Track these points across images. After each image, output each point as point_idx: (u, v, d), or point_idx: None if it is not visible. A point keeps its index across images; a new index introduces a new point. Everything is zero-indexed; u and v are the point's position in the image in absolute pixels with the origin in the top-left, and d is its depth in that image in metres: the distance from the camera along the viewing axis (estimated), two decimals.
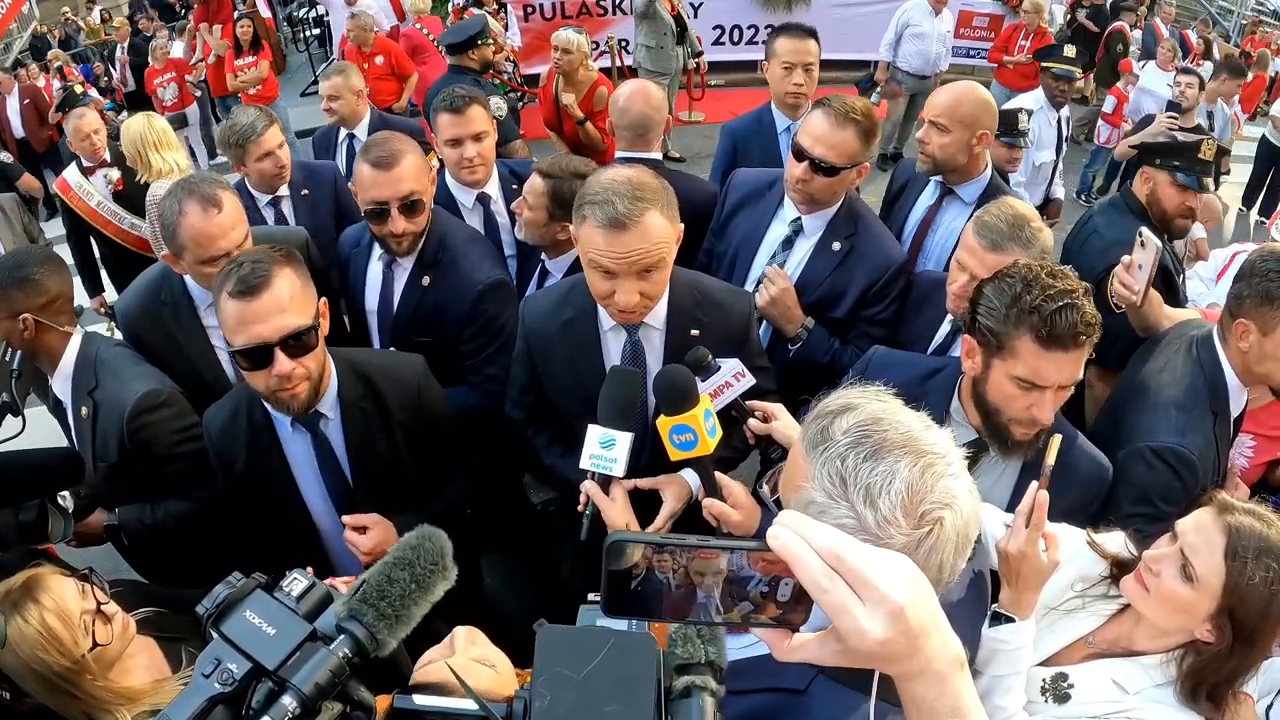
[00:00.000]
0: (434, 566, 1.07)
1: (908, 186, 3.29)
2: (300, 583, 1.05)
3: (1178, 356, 2.30)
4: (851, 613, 0.71)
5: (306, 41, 12.71)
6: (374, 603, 1.01)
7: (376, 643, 0.99)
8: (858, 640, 0.71)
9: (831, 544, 0.72)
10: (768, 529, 0.74)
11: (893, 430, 1.04)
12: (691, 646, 0.99)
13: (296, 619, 1.01)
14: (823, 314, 2.69)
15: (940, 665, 0.74)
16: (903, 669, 0.75)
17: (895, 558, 0.74)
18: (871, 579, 0.71)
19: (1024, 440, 1.86)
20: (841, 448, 1.04)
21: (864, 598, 0.71)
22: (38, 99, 9.82)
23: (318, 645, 0.98)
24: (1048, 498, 1.54)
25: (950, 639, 0.76)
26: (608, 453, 1.65)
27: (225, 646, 0.97)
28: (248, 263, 1.90)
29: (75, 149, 4.84)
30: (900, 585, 0.72)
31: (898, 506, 1.00)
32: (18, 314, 2.31)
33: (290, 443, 2.19)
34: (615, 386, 1.66)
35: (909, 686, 0.76)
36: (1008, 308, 1.78)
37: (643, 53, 7.96)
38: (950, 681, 0.75)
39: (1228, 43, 13.12)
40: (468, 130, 3.08)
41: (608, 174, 1.91)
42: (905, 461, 1.01)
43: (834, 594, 0.71)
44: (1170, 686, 1.58)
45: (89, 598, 1.68)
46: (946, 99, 2.96)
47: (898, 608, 0.71)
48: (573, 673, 0.85)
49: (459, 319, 2.70)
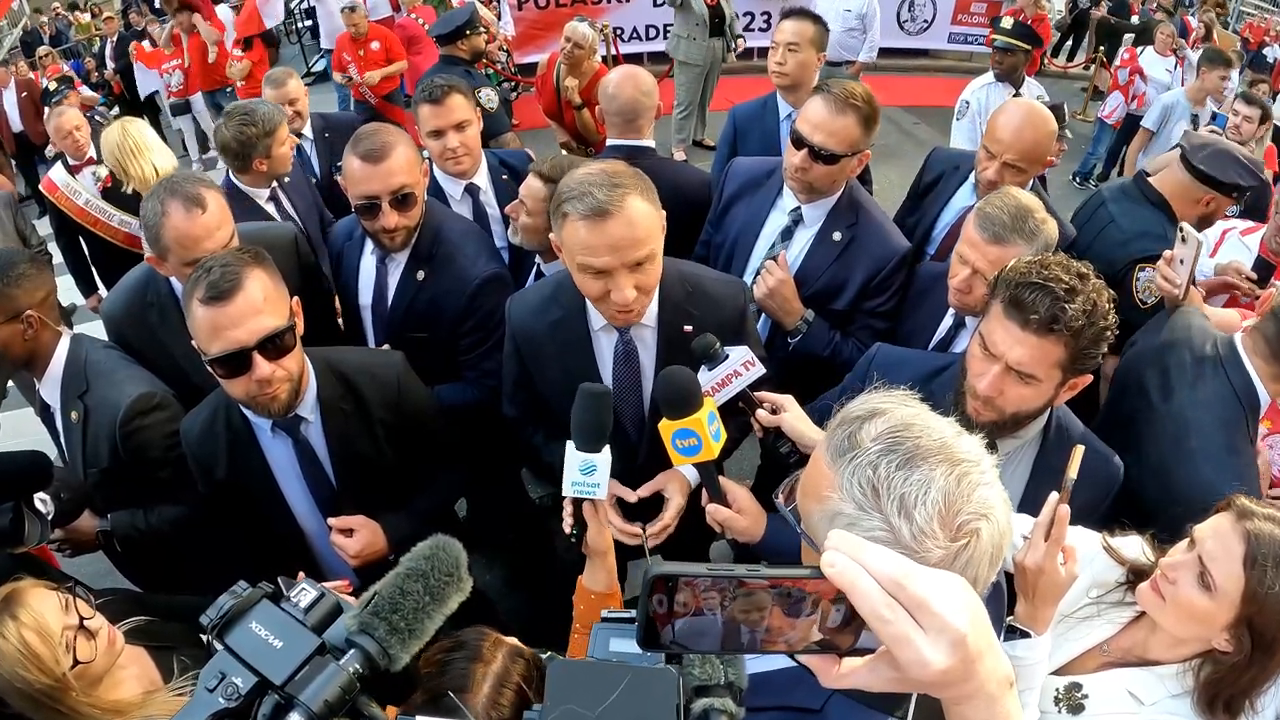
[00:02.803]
0: (449, 578, 1.03)
1: (941, 181, 3.17)
2: (309, 593, 1.01)
3: (1205, 383, 2.17)
4: (914, 643, 0.67)
5: (299, 33, 12.64)
6: (386, 616, 0.97)
7: (389, 658, 0.96)
8: (919, 671, 0.68)
9: (892, 570, 0.68)
10: (823, 555, 0.70)
11: (925, 437, 0.98)
12: (710, 667, 0.94)
13: (305, 631, 0.97)
14: (823, 306, 2.64)
15: (991, 687, 0.72)
16: (956, 693, 0.72)
17: (952, 580, 0.70)
18: (934, 606, 0.67)
19: (975, 419, 1.80)
20: (872, 455, 0.97)
21: (925, 625, 0.68)
22: (34, 92, 9.78)
23: (327, 659, 0.94)
24: (1069, 512, 1.49)
25: (1001, 659, 0.73)
26: (589, 478, 1.59)
27: (230, 659, 0.93)
28: (216, 267, 1.84)
29: (59, 147, 4.80)
30: (962, 611, 0.68)
31: (934, 518, 0.94)
32: (20, 312, 2.25)
33: (271, 447, 2.14)
34: (587, 410, 1.59)
35: (959, 709, 0.73)
36: (1010, 270, 1.77)
37: (674, 42, 8.06)
38: (1000, 703, 0.73)
39: (1226, 29, 13.02)
40: (449, 120, 3.00)
41: (579, 171, 1.86)
42: (940, 470, 0.95)
43: (896, 625, 0.67)
44: (1186, 697, 1.54)
45: (71, 613, 1.62)
46: (1015, 140, 2.69)
47: (960, 636, 0.67)
48: (586, 710, 0.81)
49: (455, 314, 2.65)
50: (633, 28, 10.83)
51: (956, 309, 2.38)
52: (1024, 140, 2.70)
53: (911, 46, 11.46)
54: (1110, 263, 2.76)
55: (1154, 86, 8.03)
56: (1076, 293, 1.68)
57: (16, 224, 4.80)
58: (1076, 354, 1.71)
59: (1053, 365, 1.72)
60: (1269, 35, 11.83)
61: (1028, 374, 1.72)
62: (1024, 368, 1.71)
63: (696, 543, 2.36)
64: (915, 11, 11.23)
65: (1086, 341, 1.70)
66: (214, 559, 2.34)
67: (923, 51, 11.55)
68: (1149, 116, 6.65)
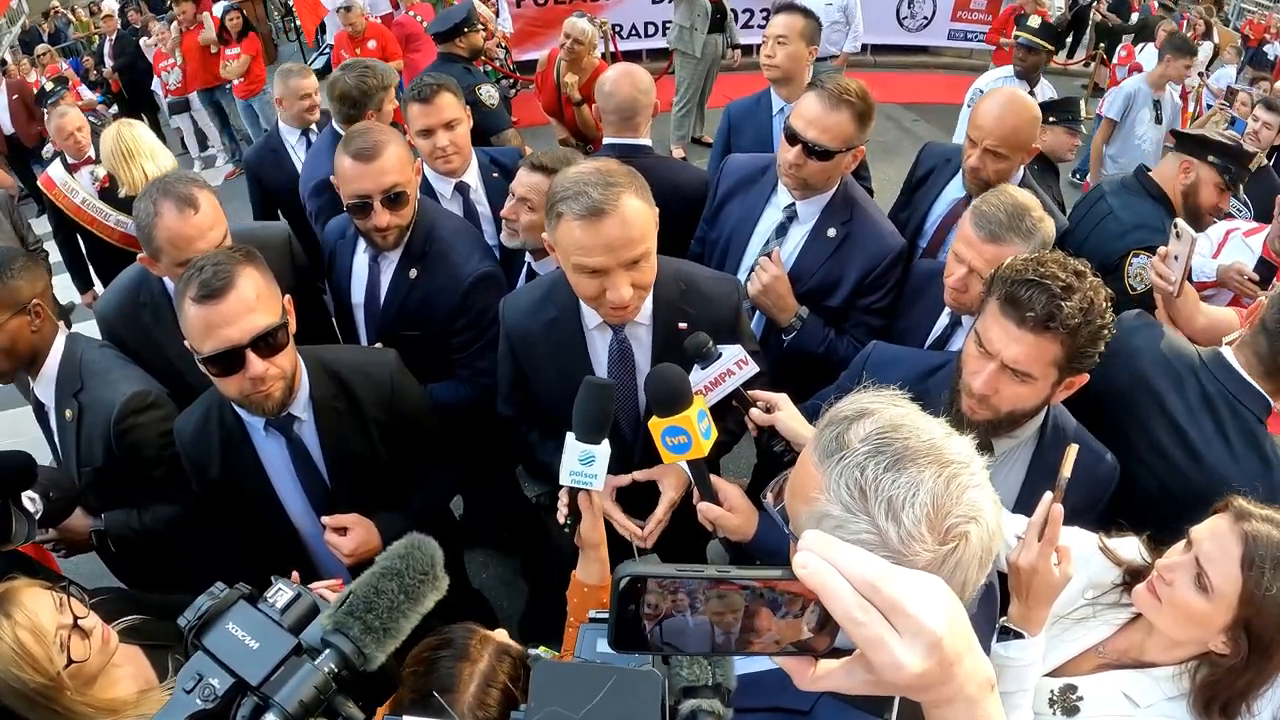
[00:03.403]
0: (423, 576, 1.03)
1: (932, 175, 3.15)
2: (285, 593, 1.02)
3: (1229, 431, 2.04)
4: (888, 646, 0.66)
5: (297, 31, 12.64)
6: (360, 615, 0.97)
7: (364, 657, 0.97)
8: (894, 674, 0.67)
9: (865, 571, 0.67)
10: (795, 556, 0.69)
11: (914, 438, 0.96)
12: (698, 668, 0.94)
13: (281, 632, 0.98)
14: (818, 302, 2.63)
15: (971, 690, 0.70)
16: (935, 696, 0.70)
17: (929, 581, 0.69)
18: (908, 609, 0.66)
19: (970, 416, 1.79)
20: (860, 457, 0.96)
21: (900, 628, 0.66)
22: (25, 94, 9.74)
23: (303, 660, 0.95)
24: (1062, 511, 1.48)
25: (981, 661, 0.72)
26: (588, 468, 1.59)
27: (207, 661, 0.94)
28: (208, 265, 1.82)
29: (59, 146, 4.80)
30: (938, 613, 0.67)
31: (922, 521, 0.92)
32: (26, 302, 2.24)
33: (265, 446, 2.13)
34: (589, 400, 1.58)
35: (938, 712, 0.72)
36: (1006, 268, 1.76)
37: (675, 32, 8.06)
38: (981, 705, 0.72)
39: (1227, 26, 12.99)
40: (438, 119, 2.99)
41: (572, 170, 1.85)
42: (929, 472, 0.94)
43: (869, 627, 0.66)
44: (1182, 700, 1.53)
45: (65, 611, 1.62)
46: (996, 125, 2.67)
47: (936, 639, 0.66)
48: (570, 712, 0.80)
49: (448, 312, 2.64)
50: (631, 24, 10.84)
51: (953, 308, 2.37)
52: (1004, 125, 2.67)
53: (911, 43, 11.45)
54: (1108, 254, 2.77)
55: None
56: (1073, 290, 1.66)
57: (14, 221, 4.79)
58: (1073, 352, 1.69)
59: (1049, 364, 1.70)
60: (1269, 32, 11.81)
61: (1023, 372, 1.71)
62: (1020, 366, 1.70)
63: (691, 541, 2.36)
64: (915, 8, 11.22)
65: (1083, 340, 1.68)
66: (208, 558, 2.33)
67: (922, 48, 11.54)
68: (1110, 106, 6.38)
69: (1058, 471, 1.56)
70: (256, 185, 4.24)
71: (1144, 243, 2.77)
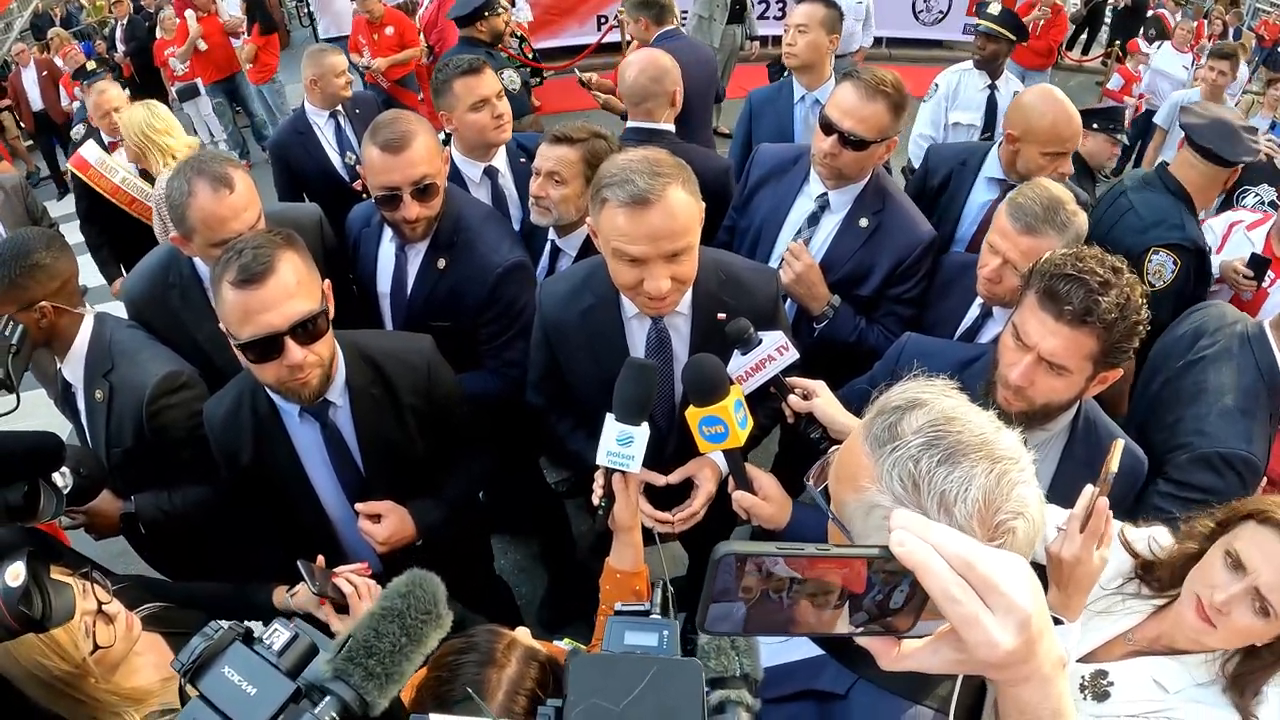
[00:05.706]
0: (426, 616, 1.01)
1: (952, 179, 3.14)
2: (281, 635, 0.99)
3: (1231, 355, 2.21)
4: (983, 624, 0.67)
5: (312, 18, 12.57)
6: (361, 661, 0.96)
7: (365, 704, 0.95)
8: (986, 652, 0.68)
9: (960, 550, 0.68)
10: (891, 535, 0.70)
11: (966, 432, 0.97)
12: (725, 659, 0.94)
13: (279, 676, 0.95)
14: (849, 291, 2.63)
15: (1047, 669, 0.72)
16: (1015, 674, 0.72)
17: (1016, 560, 0.70)
18: (1002, 587, 0.68)
19: (1005, 408, 1.81)
20: (914, 449, 0.97)
21: (993, 606, 0.68)
22: (54, 72, 9.78)
23: (302, 708, 0.93)
24: (1107, 504, 1.49)
25: (1056, 641, 0.73)
26: (625, 449, 1.58)
27: (203, 708, 0.92)
28: (248, 249, 1.78)
29: (95, 124, 4.75)
30: (1028, 591, 0.69)
31: (973, 515, 0.94)
32: (34, 303, 2.21)
33: (298, 433, 2.10)
34: (631, 382, 1.58)
35: (1014, 691, 0.74)
36: (1045, 262, 1.78)
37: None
38: (1054, 684, 0.73)
39: (1240, 23, 12.87)
40: (491, 89, 2.98)
41: (622, 156, 1.84)
42: (981, 467, 0.95)
43: (965, 605, 0.68)
44: (1211, 685, 1.54)
45: (89, 597, 1.60)
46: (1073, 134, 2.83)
47: (1027, 616, 0.68)
48: (611, 704, 0.80)
49: (477, 303, 2.60)
50: None
51: (986, 299, 2.37)
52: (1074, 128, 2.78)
53: (926, 37, 11.38)
54: (1128, 249, 2.78)
55: (1170, 83, 7.97)
56: (1110, 286, 1.69)
57: (27, 205, 4.73)
58: (1108, 347, 1.72)
59: (1084, 357, 1.72)
60: None
61: (1059, 365, 1.73)
62: (1056, 359, 1.72)
63: (717, 531, 2.36)
64: (930, 2, 11.15)
65: (1119, 335, 1.70)
66: (240, 541, 2.33)
67: (937, 42, 11.45)
68: (1160, 114, 6.69)
69: (1091, 465, 1.57)
70: (284, 168, 4.20)
71: (1163, 239, 2.83)
